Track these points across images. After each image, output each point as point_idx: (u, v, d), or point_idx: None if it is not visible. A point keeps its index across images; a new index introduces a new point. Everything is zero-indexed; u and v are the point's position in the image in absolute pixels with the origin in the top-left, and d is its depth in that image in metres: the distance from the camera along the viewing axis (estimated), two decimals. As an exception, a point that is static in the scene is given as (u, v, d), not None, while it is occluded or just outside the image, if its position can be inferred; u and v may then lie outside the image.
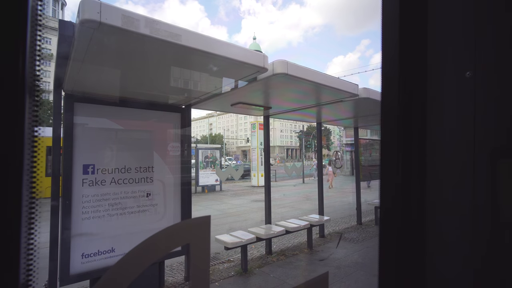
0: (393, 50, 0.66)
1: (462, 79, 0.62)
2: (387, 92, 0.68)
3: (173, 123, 4.01)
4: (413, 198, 0.67)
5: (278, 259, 5.02)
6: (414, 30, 0.67)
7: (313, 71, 3.46)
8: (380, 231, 0.68)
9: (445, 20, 0.65)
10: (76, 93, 3.13)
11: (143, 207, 3.63)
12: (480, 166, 0.60)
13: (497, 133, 0.58)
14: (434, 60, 0.66)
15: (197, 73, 3.02)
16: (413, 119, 0.67)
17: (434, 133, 0.66)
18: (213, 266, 4.76)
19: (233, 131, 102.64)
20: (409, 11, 0.66)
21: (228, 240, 4.34)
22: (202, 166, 15.15)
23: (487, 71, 0.59)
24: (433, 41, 0.66)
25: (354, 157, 8.54)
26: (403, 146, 0.67)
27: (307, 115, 6.25)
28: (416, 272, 0.66)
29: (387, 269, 0.69)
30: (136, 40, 2.04)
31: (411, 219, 0.67)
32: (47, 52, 60.78)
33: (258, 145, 17.30)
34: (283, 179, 22.19)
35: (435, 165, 0.65)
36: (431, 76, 0.66)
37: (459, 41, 0.63)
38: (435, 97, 0.65)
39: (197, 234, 0.44)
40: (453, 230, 0.63)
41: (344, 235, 6.55)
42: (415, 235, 0.67)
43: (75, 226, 3.09)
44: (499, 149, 0.58)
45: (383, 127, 0.69)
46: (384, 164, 0.69)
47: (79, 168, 3.15)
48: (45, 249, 4.45)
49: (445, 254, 0.65)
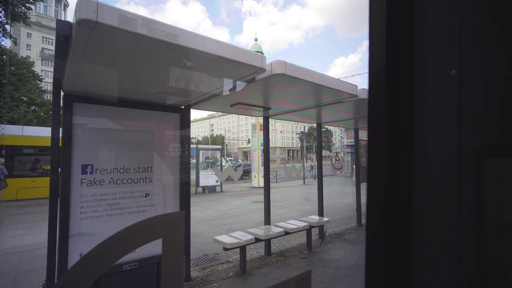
0: (380, 48, 0.66)
1: (447, 78, 0.61)
2: (374, 91, 0.68)
3: (173, 124, 4.02)
4: (399, 196, 0.66)
5: (277, 260, 5.01)
6: (401, 29, 0.67)
7: (312, 72, 3.46)
8: (367, 231, 0.68)
9: (431, 19, 0.65)
10: (75, 93, 3.14)
11: (142, 207, 3.63)
12: (465, 164, 0.59)
13: (482, 131, 0.58)
14: (421, 58, 0.66)
15: (195, 73, 3.02)
16: (400, 117, 0.67)
17: (421, 131, 0.66)
18: (212, 266, 4.76)
19: (234, 132, 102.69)
20: (396, 10, 0.66)
21: (227, 241, 4.34)
22: (202, 167, 15.16)
23: (472, 70, 0.59)
24: (420, 40, 0.66)
25: (355, 158, 8.52)
26: (390, 144, 0.67)
27: (307, 116, 6.25)
28: (402, 269, 0.66)
29: (374, 271, 0.69)
30: (133, 40, 2.05)
31: (398, 217, 0.66)
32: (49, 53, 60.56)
33: (259, 146, 17.31)
34: (283, 180, 22.19)
35: (422, 163, 0.65)
36: (418, 74, 0.66)
37: (445, 40, 0.62)
38: (422, 95, 0.65)
39: (171, 229, 0.44)
40: (439, 228, 0.63)
41: (344, 236, 6.53)
42: (402, 234, 0.67)
43: (74, 226, 3.10)
44: (484, 148, 0.58)
45: (371, 125, 0.69)
46: (372, 162, 0.68)
47: (77, 168, 3.16)
48: (43, 249, 4.46)
49: (431, 256, 0.64)
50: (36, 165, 13.22)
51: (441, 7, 0.64)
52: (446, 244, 0.63)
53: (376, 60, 0.67)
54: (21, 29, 53.37)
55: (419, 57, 0.66)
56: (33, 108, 30.16)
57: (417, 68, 0.66)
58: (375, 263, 0.67)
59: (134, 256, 3.39)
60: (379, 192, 0.66)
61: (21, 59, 30.43)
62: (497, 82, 0.57)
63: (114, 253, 0.43)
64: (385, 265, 0.67)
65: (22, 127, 14.18)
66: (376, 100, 0.67)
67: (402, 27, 0.67)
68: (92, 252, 0.43)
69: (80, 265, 0.44)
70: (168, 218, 0.46)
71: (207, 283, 4.08)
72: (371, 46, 0.68)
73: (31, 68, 31.32)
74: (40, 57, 59.38)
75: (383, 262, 0.67)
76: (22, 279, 4.38)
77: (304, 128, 57.56)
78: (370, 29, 0.68)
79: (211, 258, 5.21)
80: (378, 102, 0.67)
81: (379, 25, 0.67)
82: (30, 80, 30.04)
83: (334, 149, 45.42)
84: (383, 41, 0.66)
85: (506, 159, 0.56)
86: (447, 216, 0.62)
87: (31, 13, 24.94)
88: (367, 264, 0.67)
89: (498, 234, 0.57)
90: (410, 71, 0.67)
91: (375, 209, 0.68)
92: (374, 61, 0.67)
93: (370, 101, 0.67)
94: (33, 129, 14.65)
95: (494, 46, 0.57)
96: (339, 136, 34.56)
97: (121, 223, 3.43)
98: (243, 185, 18.92)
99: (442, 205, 0.63)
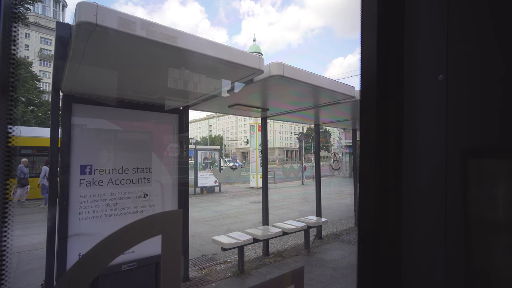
0: (371, 53, 0.69)
1: (435, 82, 0.64)
2: (366, 95, 0.71)
3: (171, 125, 4.04)
4: (390, 197, 0.69)
5: (275, 260, 5.03)
6: (392, 35, 0.70)
7: (309, 73, 3.49)
8: (359, 231, 0.70)
9: (420, 25, 0.68)
10: (74, 94, 3.16)
11: (141, 207, 3.64)
12: (452, 166, 0.62)
13: (468, 134, 0.61)
14: (410, 64, 0.68)
15: (193, 74, 3.04)
16: (391, 120, 0.70)
17: (410, 134, 0.68)
18: (210, 267, 4.78)
19: (233, 133, 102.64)
20: (387, 15, 0.69)
21: (225, 241, 4.36)
22: (201, 167, 15.16)
23: (458, 75, 0.62)
24: (410, 45, 0.69)
25: (353, 159, 8.56)
26: (381, 146, 0.70)
27: (305, 117, 6.28)
28: (393, 268, 0.69)
29: (365, 270, 0.71)
30: (132, 42, 2.07)
31: (388, 217, 0.69)
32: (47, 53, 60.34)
33: (257, 147, 17.32)
34: (282, 180, 22.20)
35: (411, 164, 0.68)
36: (408, 79, 0.69)
37: (433, 46, 0.65)
38: (411, 99, 0.68)
39: (169, 227, 0.46)
40: (428, 227, 0.66)
41: (342, 236, 6.56)
42: (392, 234, 0.69)
43: (72, 226, 3.11)
44: (470, 150, 0.61)
45: (362, 128, 0.71)
46: (363, 164, 0.71)
47: (76, 169, 3.18)
48: (42, 249, 4.46)
49: (420, 255, 0.67)
50: (34, 165, 13.19)
51: (430, 13, 0.66)
52: (434, 243, 0.65)
53: (367, 65, 0.70)
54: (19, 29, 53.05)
55: (408, 62, 0.69)
56: (31, 108, 30.07)
57: (406, 73, 0.69)
58: (366, 262, 0.70)
59: (132, 256, 3.40)
60: (370, 193, 0.69)
61: (19, 60, 30.30)
62: (482, 87, 0.60)
63: (114, 251, 0.45)
64: (376, 264, 0.69)
65: (20, 127, 14.15)
66: (367, 104, 0.70)
67: (392, 33, 0.69)
68: (92, 250, 0.45)
69: (80, 263, 0.46)
70: (166, 216, 0.48)
71: (205, 283, 4.10)
72: (362, 51, 0.71)
73: (29, 68, 31.23)
74: (38, 57, 59.18)
75: (373, 262, 0.69)
76: (21, 279, 4.39)
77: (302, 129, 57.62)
78: (362, 34, 0.71)
79: (209, 259, 5.23)
80: (369, 105, 0.70)
81: (370, 30, 0.70)
82: (28, 80, 29.95)
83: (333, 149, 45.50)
84: (374, 46, 0.69)
85: (490, 160, 0.59)
86: (435, 215, 0.65)
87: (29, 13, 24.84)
88: (359, 263, 0.70)
89: (484, 232, 0.60)
90: (400, 76, 0.70)
91: (366, 210, 0.70)
92: (365, 66, 0.70)
93: (362, 105, 0.70)
94: (31, 129, 14.61)
95: (480, 52, 0.60)
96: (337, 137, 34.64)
97: (119, 223, 3.44)
98: (242, 185, 18.93)
99: (430, 204, 0.66)
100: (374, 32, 0.69)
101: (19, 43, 0.52)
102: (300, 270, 0.60)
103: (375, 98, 0.69)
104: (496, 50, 0.57)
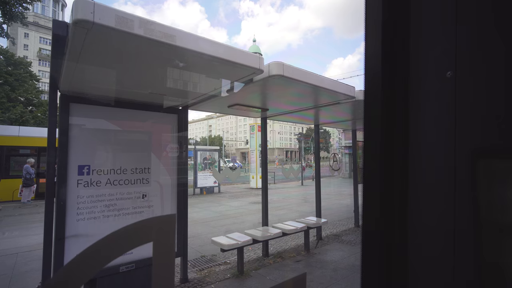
0: (376, 50, 0.66)
1: (443, 79, 0.61)
2: (370, 93, 0.68)
3: (170, 125, 4.01)
4: (395, 198, 0.66)
5: (274, 261, 5.00)
6: (397, 30, 0.67)
7: (309, 73, 3.46)
8: (363, 232, 0.67)
9: (427, 20, 0.65)
10: (72, 93, 3.13)
11: (139, 208, 3.61)
12: (461, 166, 0.59)
13: (477, 133, 0.58)
14: (416, 60, 0.66)
15: (193, 74, 3.01)
16: (396, 119, 0.67)
17: (416, 133, 0.66)
18: (209, 268, 4.74)
19: (233, 133, 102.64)
20: (392, 11, 0.66)
21: (225, 242, 4.33)
22: (200, 167, 15.13)
23: (468, 71, 0.59)
24: (416, 41, 0.66)
25: (353, 159, 8.54)
26: (386, 145, 0.67)
27: (305, 117, 6.26)
28: (399, 271, 0.66)
29: (370, 273, 0.68)
30: (130, 41, 2.04)
31: (394, 218, 0.66)
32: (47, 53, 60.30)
33: (257, 147, 17.29)
34: (281, 181, 22.18)
35: (418, 164, 0.65)
36: (414, 76, 0.66)
37: (440, 41, 0.62)
38: (417, 97, 0.65)
39: (161, 233, 0.43)
40: (435, 229, 0.63)
41: (342, 237, 6.53)
42: (398, 236, 0.66)
43: (70, 227, 3.08)
44: (479, 149, 0.58)
45: (367, 127, 0.68)
46: (367, 164, 0.68)
47: (74, 169, 3.14)
48: (39, 250, 4.43)
49: (428, 257, 0.64)
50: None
51: (437, 8, 0.63)
52: (442, 245, 0.63)
53: (372, 62, 0.67)
54: (18, 29, 53.13)
55: (414, 59, 0.66)
56: (30, 108, 30.02)
57: (412, 70, 0.66)
58: (371, 265, 0.67)
59: (130, 257, 3.37)
60: (375, 194, 0.66)
61: (19, 59, 30.28)
62: (493, 84, 0.57)
63: (104, 257, 0.42)
64: (380, 267, 0.67)
65: (18, 127, 14.12)
66: (372, 102, 0.67)
67: (398, 28, 0.67)
68: (80, 256, 0.42)
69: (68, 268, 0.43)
70: (159, 221, 0.45)
71: (205, 285, 4.06)
72: (367, 48, 0.68)
73: (28, 68, 31.18)
74: (37, 57, 59.14)
75: (378, 264, 0.66)
76: (18, 281, 4.35)
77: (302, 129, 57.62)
78: (366, 31, 0.68)
79: (208, 260, 5.20)
80: (374, 104, 0.67)
81: (375, 27, 0.67)
82: (27, 80, 29.90)
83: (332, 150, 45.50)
84: (379, 43, 0.66)
85: (502, 160, 0.56)
86: (443, 217, 0.62)
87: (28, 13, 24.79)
88: (362, 266, 0.67)
89: (493, 234, 0.57)
90: (406, 73, 0.67)
91: (371, 211, 0.67)
92: (370, 63, 0.67)
93: (366, 103, 0.67)
94: (30, 129, 14.57)
95: (490, 47, 0.57)
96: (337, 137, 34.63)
97: (118, 224, 3.41)
98: (241, 186, 18.90)
99: (438, 206, 0.63)
100: (378, 26, 0.67)
101: (18, 43, 0.49)
102: (302, 276, 0.57)
103: (380, 96, 0.66)
104: (510, 42, 0.54)
